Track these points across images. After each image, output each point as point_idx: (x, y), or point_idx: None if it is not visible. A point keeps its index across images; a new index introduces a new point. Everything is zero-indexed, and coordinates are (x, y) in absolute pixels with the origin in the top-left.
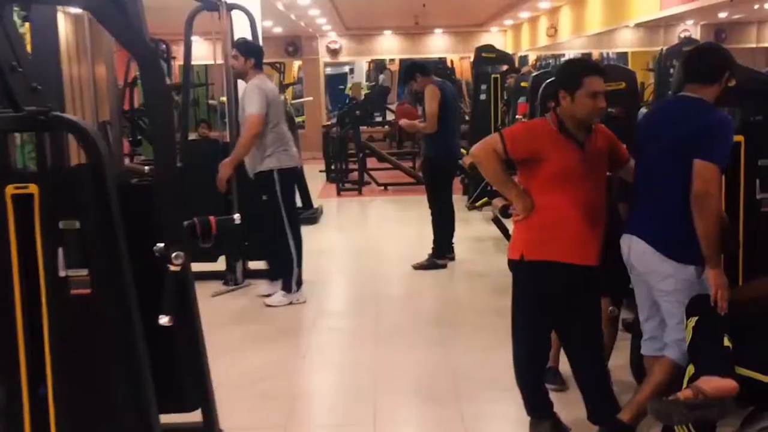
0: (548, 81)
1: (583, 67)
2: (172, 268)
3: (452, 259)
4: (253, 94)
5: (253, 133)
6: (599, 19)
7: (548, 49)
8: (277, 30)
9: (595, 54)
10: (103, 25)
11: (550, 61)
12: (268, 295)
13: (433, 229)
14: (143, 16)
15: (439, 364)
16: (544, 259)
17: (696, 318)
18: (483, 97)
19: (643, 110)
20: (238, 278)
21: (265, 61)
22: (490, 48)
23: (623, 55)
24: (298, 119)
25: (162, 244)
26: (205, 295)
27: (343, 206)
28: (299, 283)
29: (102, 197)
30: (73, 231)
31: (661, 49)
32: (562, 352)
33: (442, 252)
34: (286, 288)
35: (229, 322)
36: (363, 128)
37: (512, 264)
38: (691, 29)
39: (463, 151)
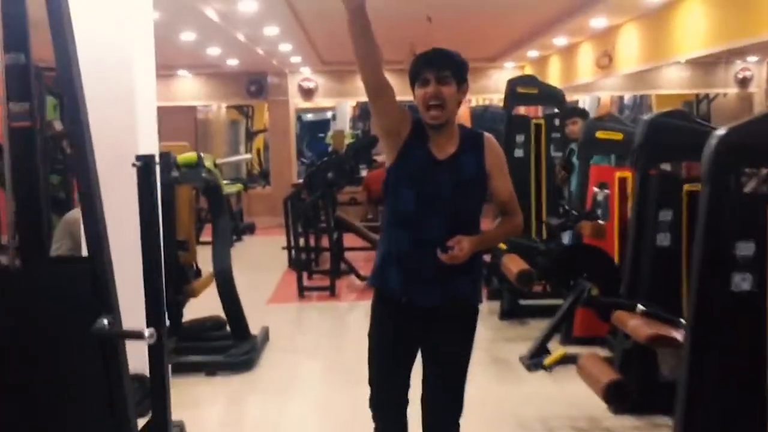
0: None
1: None
2: None
3: None
4: None
5: None
6: (712, 34)
7: (587, 88)
8: (233, 62)
9: (604, 98)
10: None
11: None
12: None
13: None
14: None
15: None
16: None
17: None
18: (519, 153)
19: None
20: None
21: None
22: (530, 80)
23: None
24: (231, 188)
25: None
26: None
27: (304, 323)
28: None
29: None
30: None
31: None
32: None
33: None
34: None
35: None
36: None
37: None
38: (753, 68)
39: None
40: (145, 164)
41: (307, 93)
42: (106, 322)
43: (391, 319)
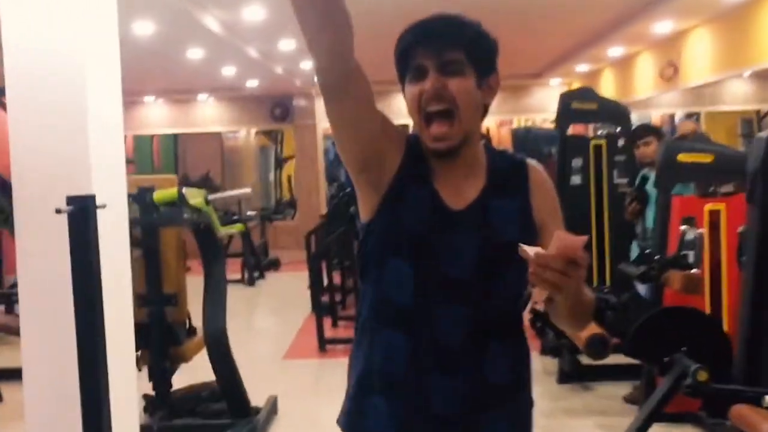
0: None
1: None
2: None
3: None
4: None
5: None
6: None
7: (643, 105)
8: (252, 83)
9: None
10: None
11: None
12: None
13: None
14: None
15: None
16: None
17: None
18: (576, 180)
19: None
20: None
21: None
22: (587, 93)
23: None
24: (229, 229)
25: None
26: None
27: (324, 385)
28: None
29: None
30: None
31: None
32: None
33: None
34: None
35: None
36: None
37: None
38: None
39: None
40: (79, 209)
41: None
42: None
43: None
